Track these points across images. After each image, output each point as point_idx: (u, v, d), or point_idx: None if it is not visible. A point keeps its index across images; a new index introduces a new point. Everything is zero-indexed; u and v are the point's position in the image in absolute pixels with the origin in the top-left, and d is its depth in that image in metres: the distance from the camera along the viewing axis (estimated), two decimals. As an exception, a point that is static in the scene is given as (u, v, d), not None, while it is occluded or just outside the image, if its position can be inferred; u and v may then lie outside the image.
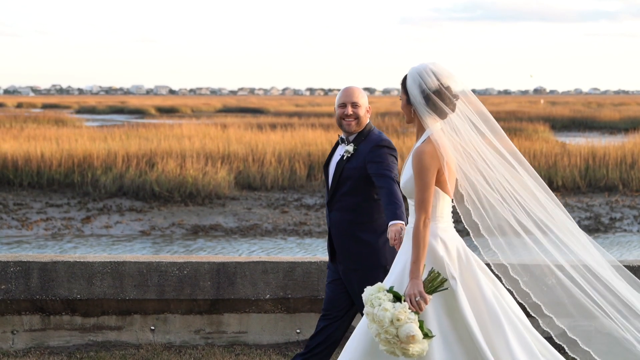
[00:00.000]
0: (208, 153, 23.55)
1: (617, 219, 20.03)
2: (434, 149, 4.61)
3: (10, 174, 22.49)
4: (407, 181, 4.69)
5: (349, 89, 5.68)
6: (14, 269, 7.15)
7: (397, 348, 4.44)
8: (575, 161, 23.46)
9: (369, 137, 5.59)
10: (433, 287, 4.51)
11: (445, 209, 4.70)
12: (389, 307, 4.44)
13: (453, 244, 4.66)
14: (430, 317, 4.54)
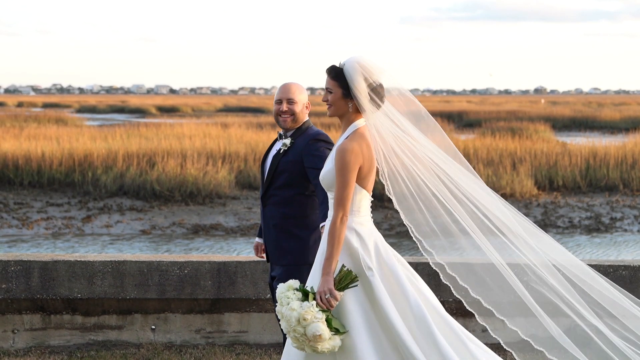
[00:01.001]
0: (209, 152, 23.55)
1: (618, 219, 20.03)
2: (358, 146, 4.60)
3: (11, 173, 22.49)
4: (326, 173, 4.68)
5: (285, 85, 5.64)
6: (14, 268, 7.15)
7: (307, 346, 4.47)
8: (576, 161, 23.45)
9: (306, 133, 5.56)
10: (344, 284, 4.52)
11: (363, 204, 4.69)
12: (295, 306, 4.46)
13: (370, 238, 4.66)
14: (353, 310, 4.54)
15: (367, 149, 4.64)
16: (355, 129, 4.67)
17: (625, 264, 7.38)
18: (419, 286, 4.71)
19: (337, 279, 4.51)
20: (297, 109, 5.57)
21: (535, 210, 20.36)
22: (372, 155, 4.67)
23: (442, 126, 26.90)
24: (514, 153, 24.30)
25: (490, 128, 37.71)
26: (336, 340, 4.48)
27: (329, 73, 4.71)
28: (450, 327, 4.70)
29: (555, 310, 5.10)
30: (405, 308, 4.58)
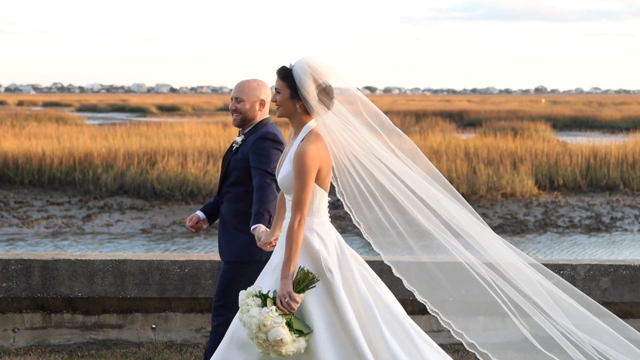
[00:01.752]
0: (209, 151, 23.54)
1: (618, 219, 20.02)
2: (316, 147, 4.61)
3: (11, 172, 22.49)
4: (285, 176, 4.68)
5: (239, 83, 5.65)
6: (15, 267, 7.15)
7: (271, 351, 4.48)
8: (577, 160, 23.45)
9: (260, 129, 5.55)
10: (302, 285, 4.52)
11: (322, 204, 4.69)
12: (255, 313, 4.47)
13: (330, 239, 4.67)
14: (314, 311, 4.55)
15: (324, 149, 4.65)
16: (309, 130, 4.68)
17: (626, 264, 7.38)
18: (374, 285, 4.71)
19: (296, 281, 4.52)
20: (244, 108, 5.55)
21: (535, 209, 20.36)
22: (329, 155, 4.68)
23: (443, 126, 27.24)
24: (515, 152, 24.30)
25: (491, 127, 37.73)
26: (301, 342, 4.49)
27: (278, 74, 4.71)
28: (402, 327, 4.71)
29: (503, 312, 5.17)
30: (358, 305, 4.60)
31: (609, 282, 7.30)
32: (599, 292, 7.30)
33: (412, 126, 41.59)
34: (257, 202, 5.34)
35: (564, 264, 7.33)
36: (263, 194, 5.36)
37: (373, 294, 4.67)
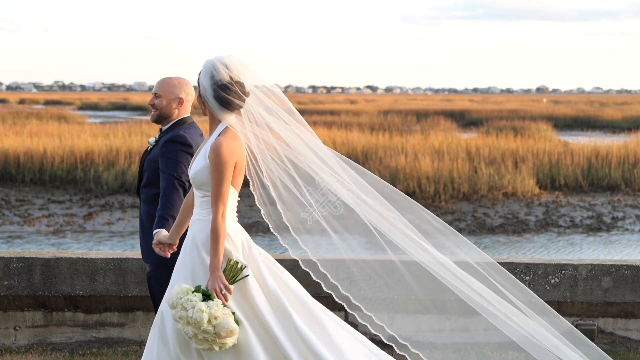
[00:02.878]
0: (210, 150, 23.51)
1: (619, 219, 20.01)
2: (232, 142, 4.62)
3: (13, 170, 22.49)
4: (198, 172, 4.67)
5: (160, 79, 5.58)
6: (16, 265, 7.15)
7: (215, 344, 4.48)
8: (578, 160, 23.44)
9: (173, 130, 5.48)
10: (234, 276, 4.54)
11: (231, 202, 4.70)
12: (203, 307, 4.44)
13: (237, 236, 4.68)
14: (232, 306, 4.57)
15: (240, 147, 4.66)
16: (224, 127, 4.68)
17: (628, 264, 7.37)
18: (284, 279, 4.74)
19: (226, 273, 4.54)
20: (161, 104, 5.49)
21: (536, 209, 20.35)
22: (244, 154, 4.69)
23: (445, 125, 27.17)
24: (516, 152, 24.30)
25: (492, 127, 37.72)
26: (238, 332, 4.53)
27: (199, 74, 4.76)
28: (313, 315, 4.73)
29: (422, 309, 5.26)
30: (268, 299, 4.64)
31: (610, 282, 7.30)
32: (601, 292, 7.30)
33: (413, 125, 41.59)
34: (162, 206, 5.29)
35: (565, 264, 7.33)
36: (168, 199, 5.30)
37: (282, 286, 4.69)
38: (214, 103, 4.66)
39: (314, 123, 35.43)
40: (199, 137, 5.49)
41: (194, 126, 5.55)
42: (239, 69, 4.67)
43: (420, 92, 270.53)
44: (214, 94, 4.64)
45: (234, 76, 4.64)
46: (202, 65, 4.70)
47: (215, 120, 4.71)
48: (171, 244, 4.97)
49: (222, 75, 4.63)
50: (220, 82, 4.62)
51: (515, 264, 7.33)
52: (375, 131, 31.32)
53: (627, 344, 7.31)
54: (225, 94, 4.63)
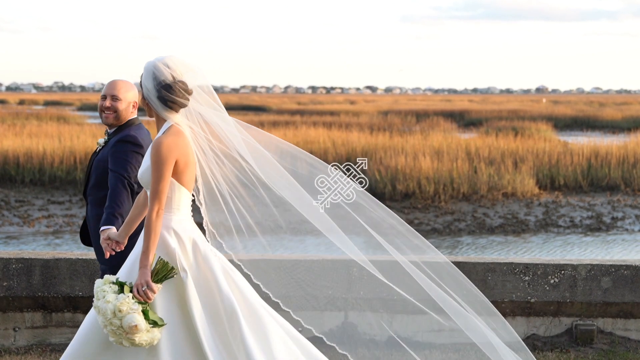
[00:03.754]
0: (210, 151, 23.52)
1: (619, 219, 20.02)
2: (174, 140, 4.62)
3: (12, 171, 22.50)
4: (144, 172, 4.70)
5: (112, 81, 5.58)
6: (15, 266, 7.15)
7: (124, 339, 4.49)
8: (578, 160, 23.45)
9: (123, 131, 5.49)
10: (161, 275, 4.55)
11: (182, 201, 4.71)
12: (111, 298, 4.48)
13: (188, 236, 4.69)
14: (159, 307, 4.57)
15: (184, 144, 4.66)
16: (170, 125, 4.70)
17: (627, 264, 7.37)
18: (237, 282, 4.74)
19: (154, 272, 4.54)
20: (120, 107, 5.50)
21: (536, 209, 20.36)
22: (189, 151, 4.69)
23: (444, 125, 27.13)
24: (516, 152, 24.31)
25: (492, 127, 37.73)
26: (155, 332, 4.52)
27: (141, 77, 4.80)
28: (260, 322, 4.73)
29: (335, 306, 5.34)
30: (219, 303, 4.64)
31: (610, 282, 7.30)
32: (600, 292, 7.30)
33: (413, 126, 41.61)
34: (110, 205, 5.30)
35: (565, 264, 7.33)
36: (117, 197, 5.32)
37: (235, 290, 4.70)
38: (158, 103, 4.68)
39: (313, 123, 35.43)
40: (148, 138, 5.53)
41: (142, 127, 5.58)
42: (181, 69, 4.69)
43: (420, 93, 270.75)
44: (158, 95, 4.66)
45: (177, 75, 4.67)
46: (143, 68, 4.72)
47: (161, 121, 4.73)
48: (119, 242, 4.99)
49: (165, 75, 4.65)
50: (163, 82, 4.65)
51: (514, 264, 7.33)
52: (375, 131, 31.34)
53: (627, 344, 7.31)
54: (169, 94, 4.65)
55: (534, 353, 7.16)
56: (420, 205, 20.14)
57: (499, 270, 7.30)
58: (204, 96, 4.78)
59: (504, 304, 7.33)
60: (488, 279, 7.30)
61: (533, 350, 7.21)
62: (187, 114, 4.73)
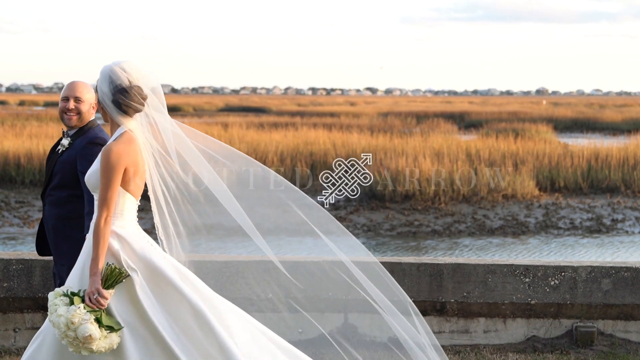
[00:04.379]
0: (210, 152, 23.51)
1: (619, 221, 20.02)
2: (124, 148, 4.65)
3: (12, 172, 22.50)
4: (90, 175, 4.74)
5: (73, 83, 5.59)
6: (16, 267, 7.15)
7: (82, 348, 4.53)
8: (578, 162, 23.45)
9: (87, 133, 5.50)
10: (111, 281, 4.58)
11: (126, 207, 4.73)
12: (62, 312, 4.53)
13: (133, 240, 4.71)
14: (115, 311, 4.60)
15: (134, 152, 4.69)
16: (122, 131, 4.72)
17: (628, 266, 7.37)
18: (195, 284, 4.79)
19: (104, 278, 4.57)
20: (83, 108, 5.51)
21: (536, 211, 20.36)
22: (139, 159, 4.72)
23: (444, 127, 27.08)
24: (516, 154, 24.31)
25: (492, 129, 37.73)
26: (112, 338, 4.55)
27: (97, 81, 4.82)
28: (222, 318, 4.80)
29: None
30: (180, 306, 4.66)
31: (610, 284, 7.30)
32: (600, 294, 7.30)
33: (413, 127, 41.61)
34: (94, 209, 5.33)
35: (565, 266, 7.33)
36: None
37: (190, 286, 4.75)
38: (113, 107, 4.71)
39: (313, 125, 35.44)
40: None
41: (102, 129, 5.62)
42: (137, 74, 4.73)
43: (420, 94, 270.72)
44: (113, 99, 4.69)
45: (133, 80, 4.71)
46: (100, 72, 4.75)
47: (115, 125, 4.77)
48: None
49: (122, 79, 4.68)
50: (119, 86, 4.68)
51: (514, 265, 7.33)
52: (375, 133, 31.34)
53: (627, 345, 7.31)
54: (125, 98, 4.69)
55: (534, 355, 7.16)
56: (420, 207, 20.14)
57: (499, 272, 7.30)
58: (154, 100, 4.83)
59: (504, 306, 7.33)
60: (488, 280, 7.30)
61: (533, 352, 7.21)
62: (141, 120, 4.77)
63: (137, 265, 4.66)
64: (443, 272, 7.31)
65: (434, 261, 7.42)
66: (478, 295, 7.31)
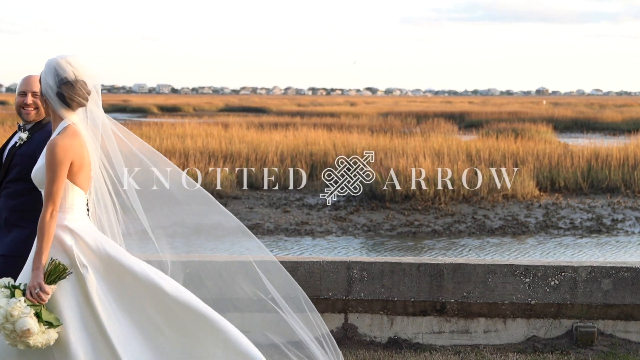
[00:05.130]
0: (210, 152, 23.56)
1: (619, 221, 20.01)
2: (70, 142, 4.67)
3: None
4: (38, 170, 4.75)
5: (29, 77, 5.58)
6: (16, 267, 7.14)
7: (19, 342, 4.52)
8: (578, 162, 23.44)
9: (46, 127, 5.48)
10: (54, 276, 4.58)
11: (76, 201, 4.75)
12: (2, 303, 4.52)
13: (86, 234, 4.72)
14: (68, 306, 4.61)
15: (79, 145, 4.72)
16: (66, 125, 4.74)
17: (628, 266, 7.37)
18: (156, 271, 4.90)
19: (47, 273, 4.57)
20: (41, 102, 5.43)
21: (536, 211, 20.35)
22: (84, 152, 4.74)
23: (445, 127, 27.17)
24: (516, 154, 24.31)
25: (492, 129, 37.73)
26: (50, 333, 4.54)
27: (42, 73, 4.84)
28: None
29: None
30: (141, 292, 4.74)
31: (610, 284, 7.30)
32: (601, 294, 7.30)
33: (413, 127, 41.60)
34: None
35: (565, 266, 7.33)
36: None
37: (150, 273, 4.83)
38: (56, 100, 4.73)
39: (313, 125, 35.44)
40: None
41: None
42: (82, 69, 4.75)
43: (420, 94, 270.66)
44: (58, 92, 4.71)
45: (78, 74, 4.73)
46: (45, 64, 4.77)
47: (57, 119, 4.79)
48: None
49: (68, 73, 4.71)
50: (65, 79, 4.70)
51: (515, 266, 7.33)
52: (376, 133, 31.34)
53: (627, 346, 7.31)
54: (70, 91, 4.71)
55: (535, 355, 7.16)
56: (420, 207, 20.14)
57: (499, 272, 7.30)
58: (96, 97, 4.86)
59: (504, 306, 7.33)
60: (488, 280, 7.30)
61: (533, 352, 7.20)
62: (83, 115, 4.79)
63: (92, 259, 4.68)
64: (443, 272, 7.31)
65: (434, 261, 7.42)
66: (478, 295, 7.30)
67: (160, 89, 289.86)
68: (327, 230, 18.58)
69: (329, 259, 7.38)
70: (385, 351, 7.19)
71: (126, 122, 40.42)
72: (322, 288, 7.26)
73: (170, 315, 4.78)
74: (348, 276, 7.30)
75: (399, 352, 7.17)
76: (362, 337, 7.36)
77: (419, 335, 7.42)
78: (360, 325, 7.34)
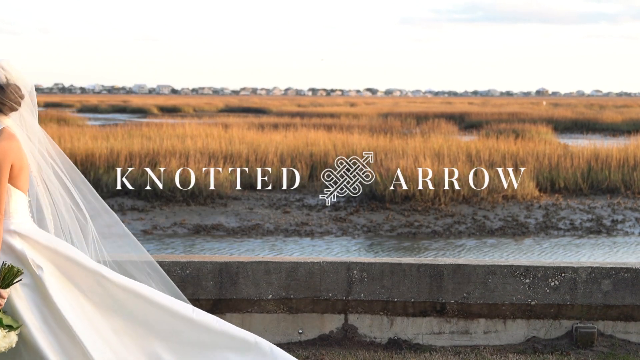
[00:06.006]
0: (210, 152, 23.57)
1: (619, 221, 20.02)
2: (8, 144, 4.66)
3: (13, 173, 22.50)
4: None
5: None
6: (16, 268, 7.15)
7: None
8: (578, 163, 23.45)
9: None
10: (8, 280, 4.56)
11: (19, 205, 4.73)
12: None
13: (35, 233, 4.72)
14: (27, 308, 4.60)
15: (17, 148, 4.71)
16: (1, 127, 4.73)
17: (628, 267, 7.37)
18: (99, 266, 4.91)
19: (1, 277, 4.55)
20: None
21: (536, 212, 20.36)
22: (22, 154, 4.74)
23: (445, 128, 27.18)
24: (516, 155, 24.31)
25: (492, 130, 37.75)
26: (11, 336, 4.54)
27: None
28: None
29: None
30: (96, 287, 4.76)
31: (610, 285, 7.30)
32: (601, 295, 7.30)
33: (413, 128, 41.62)
34: None
35: (565, 267, 7.33)
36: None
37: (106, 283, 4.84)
38: None
39: (313, 126, 35.45)
40: None
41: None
42: (16, 73, 4.76)
43: (420, 95, 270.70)
44: None
45: (11, 78, 4.72)
46: None
47: None
48: None
49: (0, 77, 4.70)
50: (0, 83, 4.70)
51: (515, 266, 7.33)
52: (376, 134, 31.35)
53: (627, 346, 7.31)
54: (1, 95, 4.70)
55: (534, 356, 7.16)
56: (420, 208, 20.15)
57: (499, 272, 7.31)
58: (29, 103, 4.86)
59: (504, 307, 7.33)
60: (488, 281, 7.30)
61: (533, 353, 7.21)
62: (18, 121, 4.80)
63: (47, 256, 4.69)
64: (443, 273, 7.31)
65: (434, 262, 7.42)
66: (478, 296, 7.31)
67: (160, 90, 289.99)
68: (327, 231, 18.59)
69: (329, 260, 7.38)
70: (385, 352, 7.20)
71: (126, 123, 40.42)
72: (322, 289, 7.26)
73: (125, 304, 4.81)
74: (348, 277, 7.30)
75: (399, 352, 7.17)
76: (362, 338, 7.36)
77: (419, 336, 7.42)
78: (360, 326, 7.34)
